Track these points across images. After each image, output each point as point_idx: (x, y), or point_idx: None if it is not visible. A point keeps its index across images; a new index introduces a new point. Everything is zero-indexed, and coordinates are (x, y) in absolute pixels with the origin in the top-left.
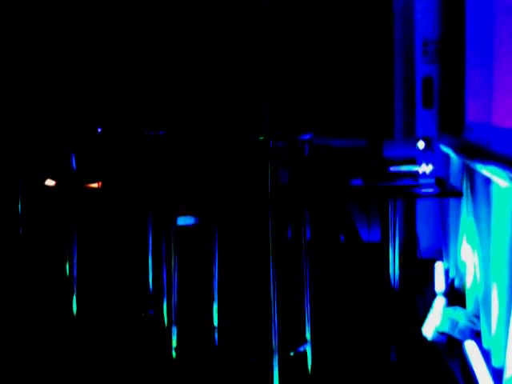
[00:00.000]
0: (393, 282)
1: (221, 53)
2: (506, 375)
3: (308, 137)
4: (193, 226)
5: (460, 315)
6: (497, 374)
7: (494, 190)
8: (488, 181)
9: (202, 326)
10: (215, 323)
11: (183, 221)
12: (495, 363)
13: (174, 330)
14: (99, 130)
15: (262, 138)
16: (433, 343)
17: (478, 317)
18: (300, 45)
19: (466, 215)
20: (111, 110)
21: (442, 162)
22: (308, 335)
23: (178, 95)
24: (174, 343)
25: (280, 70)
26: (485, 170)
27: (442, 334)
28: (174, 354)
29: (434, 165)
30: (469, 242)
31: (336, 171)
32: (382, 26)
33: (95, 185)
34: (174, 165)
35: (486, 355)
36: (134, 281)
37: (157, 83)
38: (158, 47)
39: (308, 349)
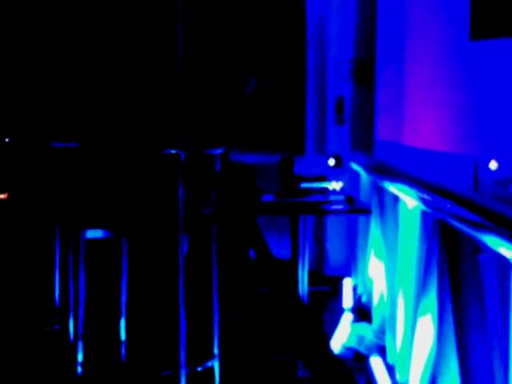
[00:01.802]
0: (302, 297)
1: (128, 66)
2: None
3: (220, 151)
4: (102, 238)
5: (366, 331)
6: None
7: (401, 207)
8: (396, 199)
9: (109, 341)
10: (122, 338)
11: (92, 234)
12: (400, 378)
13: (80, 345)
14: (6, 140)
15: (173, 151)
16: (340, 358)
17: (383, 332)
18: (208, 62)
19: (374, 232)
20: (19, 121)
21: (352, 180)
22: (216, 350)
23: (88, 106)
24: (80, 358)
25: (193, 85)
26: (393, 188)
27: (349, 348)
28: (79, 369)
29: (344, 182)
30: (377, 258)
31: (248, 187)
32: (294, 45)
33: (2, 196)
34: (84, 177)
35: (391, 370)
36: (39, 295)
37: (67, 94)
38: (66, 58)
39: (216, 364)
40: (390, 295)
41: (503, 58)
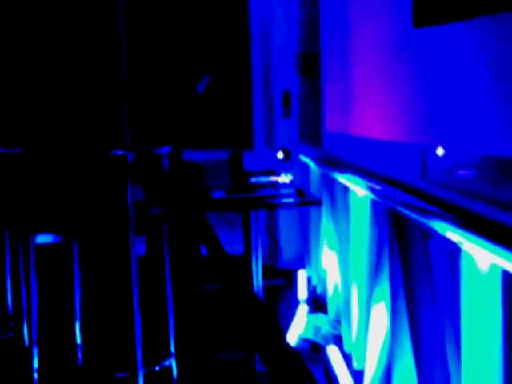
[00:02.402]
0: (256, 292)
1: (71, 65)
2: (366, 377)
3: (166, 150)
4: (52, 243)
5: (322, 321)
6: (358, 376)
7: (351, 198)
8: (346, 189)
9: (64, 346)
10: (78, 341)
11: (42, 239)
12: (357, 366)
13: (36, 351)
14: None
15: (120, 152)
16: (296, 349)
17: (339, 322)
18: (157, 62)
19: (326, 223)
20: None
21: (302, 172)
22: (172, 348)
23: (30, 111)
24: (36, 364)
25: (138, 84)
26: (343, 179)
27: (306, 340)
28: (35, 375)
29: (293, 175)
30: (329, 249)
31: (197, 184)
32: (238, 39)
33: None
34: (31, 182)
35: (348, 359)
36: None
37: (6, 99)
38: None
39: (173, 362)
40: (343, 285)
41: (447, 45)
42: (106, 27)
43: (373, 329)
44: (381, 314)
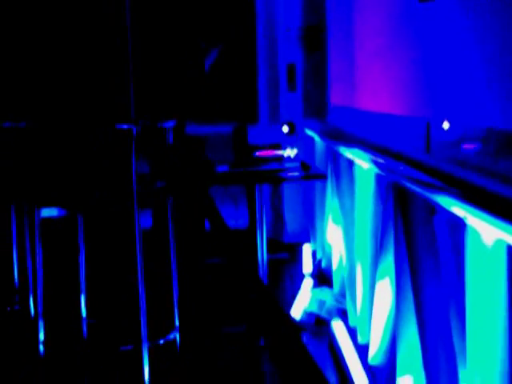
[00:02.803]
0: (261, 266)
1: (73, 39)
2: (371, 351)
3: (171, 124)
4: (57, 217)
5: (327, 295)
6: (362, 350)
7: (356, 172)
8: (351, 163)
9: (69, 319)
10: (83, 315)
11: (47, 212)
12: (361, 340)
13: (41, 324)
14: None
15: (125, 126)
16: (301, 323)
17: (344, 296)
18: (161, 36)
19: (330, 197)
20: None
21: (307, 146)
22: (177, 322)
23: (34, 85)
24: (42, 337)
25: (141, 55)
26: (348, 153)
27: (310, 314)
28: (41, 348)
29: (298, 149)
30: (334, 223)
31: (201, 158)
32: (243, 13)
33: None
34: (36, 155)
35: (352, 333)
36: None
37: (11, 74)
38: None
39: (177, 336)
40: (348, 259)
41: (451, 18)
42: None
43: (377, 303)
44: (385, 289)
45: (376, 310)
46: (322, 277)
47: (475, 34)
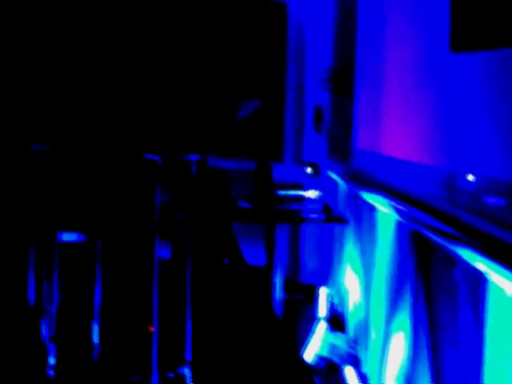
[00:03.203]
0: (276, 305)
1: (105, 69)
2: None
3: (196, 157)
4: (76, 242)
5: (340, 341)
6: None
7: (377, 217)
8: (372, 208)
9: (81, 344)
10: (95, 341)
11: (67, 236)
12: None
13: (52, 348)
14: None
15: (150, 156)
16: (313, 367)
17: (357, 342)
18: (192, 68)
19: (350, 242)
20: None
21: (329, 188)
22: (188, 357)
23: (63, 110)
24: (52, 361)
25: (171, 89)
26: (370, 198)
27: (322, 358)
28: (51, 372)
29: (321, 190)
30: (352, 268)
31: (225, 192)
32: (274, 52)
33: None
34: (60, 180)
35: (364, 380)
36: (13, 296)
37: (42, 97)
38: (40, 63)
39: (187, 371)
40: (364, 306)
41: (482, 71)
42: (144, 32)
43: (391, 355)
44: (400, 342)
45: (389, 360)
46: (337, 321)
47: (507, 89)
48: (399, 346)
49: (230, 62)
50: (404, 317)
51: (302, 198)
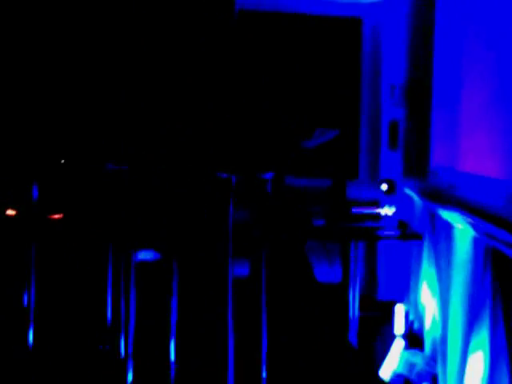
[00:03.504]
0: (352, 322)
1: (180, 90)
2: None
3: (270, 175)
4: (152, 260)
5: (418, 358)
6: None
7: (454, 234)
8: (449, 225)
9: (158, 362)
10: (172, 359)
11: (143, 255)
12: None
13: (131, 365)
14: (62, 161)
15: (225, 175)
16: None
17: (435, 360)
18: (267, 85)
19: (427, 259)
20: (75, 142)
21: (405, 205)
22: (264, 375)
23: (139, 130)
24: (130, 378)
25: (243, 109)
26: (447, 215)
27: (400, 376)
28: None
29: (396, 207)
30: (429, 285)
31: (300, 211)
32: (349, 68)
33: (57, 216)
34: (136, 199)
35: None
36: (92, 314)
37: (121, 118)
38: (120, 82)
39: None
40: (441, 323)
41: None
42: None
43: (469, 373)
44: (479, 360)
45: (468, 379)
46: (414, 339)
47: None
48: (478, 365)
49: (305, 80)
50: (483, 335)
51: (378, 215)
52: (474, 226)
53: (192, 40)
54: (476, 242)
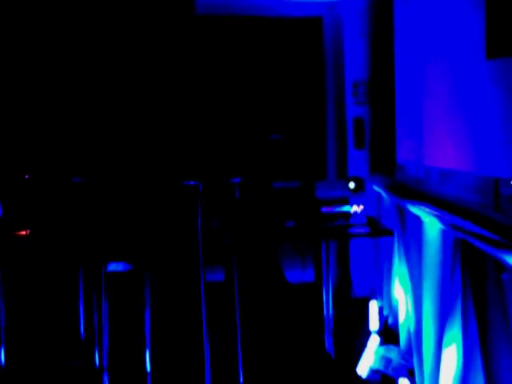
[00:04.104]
0: (327, 321)
1: (146, 99)
2: None
3: (238, 180)
4: (124, 271)
5: (393, 353)
6: None
7: (423, 228)
8: (417, 219)
9: (134, 373)
10: (148, 370)
11: (114, 267)
12: None
13: (106, 377)
14: (26, 176)
15: (192, 182)
16: (367, 381)
17: (411, 354)
18: (232, 90)
19: (397, 254)
20: (38, 157)
21: (374, 202)
22: (241, 379)
23: (103, 141)
24: None
25: (209, 112)
26: (414, 209)
27: (376, 372)
28: None
29: (365, 205)
30: (401, 280)
31: (270, 213)
32: (313, 68)
33: (23, 232)
34: (104, 211)
35: None
36: (64, 328)
37: (82, 130)
38: (80, 93)
39: None
40: (415, 316)
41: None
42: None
43: (445, 365)
44: (453, 353)
45: (443, 371)
46: (389, 334)
47: None
48: (452, 357)
49: (271, 82)
50: (455, 327)
51: (347, 213)
52: (441, 219)
53: (154, 47)
54: (444, 235)
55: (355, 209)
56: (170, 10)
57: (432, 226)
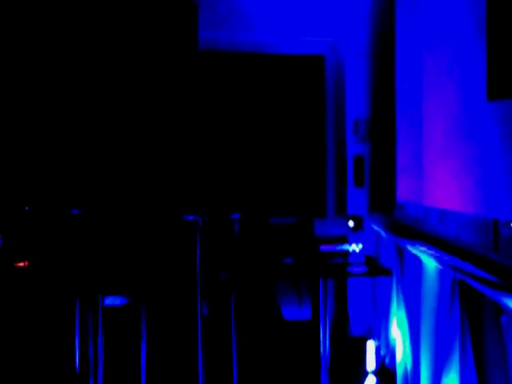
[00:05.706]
0: (323, 360)
1: (147, 134)
2: None
3: (237, 216)
4: (120, 305)
5: None
6: None
7: (422, 268)
8: (416, 259)
9: None
10: None
11: (111, 301)
12: None
13: None
14: (26, 208)
15: (191, 217)
16: None
17: None
18: (233, 125)
19: (396, 293)
20: (38, 188)
21: (372, 241)
22: None
23: (104, 174)
24: None
25: (209, 148)
26: (413, 249)
27: None
28: None
29: (364, 243)
30: (399, 319)
31: (268, 249)
32: (314, 106)
33: (22, 263)
34: (102, 244)
35: None
36: (59, 361)
37: (82, 160)
38: (81, 126)
39: None
40: (412, 357)
41: None
42: (182, 96)
43: None
44: None
45: None
46: (386, 374)
47: None
48: None
49: (272, 118)
50: (453, 368)
51: (346, 251)
52: (440, 259)
53: (155, 81)
54: (442, 275)
55: (354, 247)
56: (173, 44)
57: (431, 266)
